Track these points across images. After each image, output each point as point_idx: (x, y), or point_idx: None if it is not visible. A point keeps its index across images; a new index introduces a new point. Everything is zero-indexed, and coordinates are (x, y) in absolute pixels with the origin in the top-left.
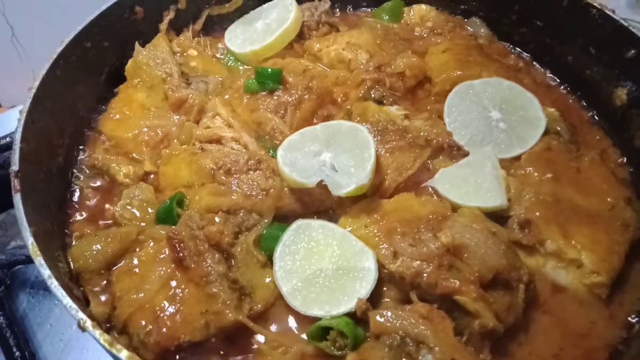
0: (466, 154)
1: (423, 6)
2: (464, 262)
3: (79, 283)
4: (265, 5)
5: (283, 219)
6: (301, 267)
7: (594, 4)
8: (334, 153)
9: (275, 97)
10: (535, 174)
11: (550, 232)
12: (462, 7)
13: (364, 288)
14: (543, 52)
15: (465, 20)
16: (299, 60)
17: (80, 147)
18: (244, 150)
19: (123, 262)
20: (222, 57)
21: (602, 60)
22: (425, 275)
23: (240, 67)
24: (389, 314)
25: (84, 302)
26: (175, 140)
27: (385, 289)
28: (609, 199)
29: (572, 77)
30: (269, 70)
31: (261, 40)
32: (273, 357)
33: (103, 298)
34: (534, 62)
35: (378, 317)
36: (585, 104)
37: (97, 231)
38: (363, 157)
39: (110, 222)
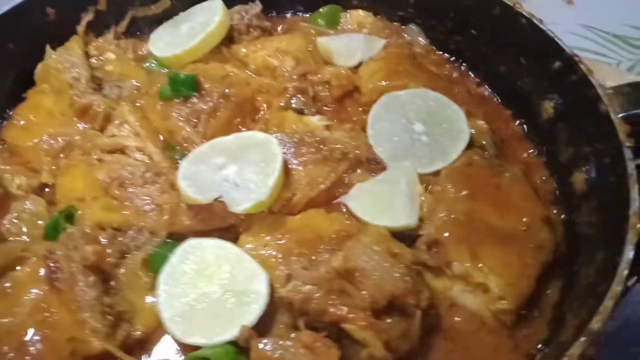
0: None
1: (361, 12)
2: (357, 286)
3: None
4: (192, 9)
5: (181, 238)
6: (185, 291)
7: (523, 12)
8: (240, 166)
9: (189, 105)
10: (452, 191)
11: (458, 253)
12: (400, 13)
13: (252, 314)
14: (478, 62)
15: (403, 27)
16: (223, 65)
17: None
18: (144, 162)
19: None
20: (145, 61)
21: (532, 71)
22: (315, 301)
23: (163, 72)
24: (270, 343)
25: None
26: (77, 150)
27: (278, 314)
28: (524, 219)
29: (505, 88)
30: (182, 75)
31: (184, 43)
32: None
33: None
34: (470, 72)
35: (260, 346)
36: (516, 116)
37: None
38: (267, 172)
39: None
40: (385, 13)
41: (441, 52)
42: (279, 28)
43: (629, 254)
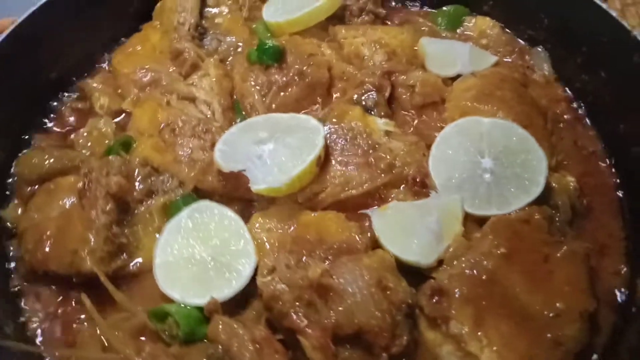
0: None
1: (488, 20)
2: (327, 305)
3: None
4: None
5: (207, 196)
6: (180, 244)
7: None
8: (276, 146)
9: (267, 74)
10: (490, 244)
11: (462, 312)
12: (530, 32)
13: (228, 289)
14: (598, 111)
15: (530, 48)
16: (319, 43)
17: (86, 72)
18: (204, 116)
19: (50, 181)
20: (255, 22)
21: None
22: (280, 302)
23: (265, 36)
24: (227, 324)
25: None
26: (159, 88)
27: (256, 300)
28: (558, 304)
29: (619, 151)
30: (268, 44)
31: (290, 13)
32: (111, 321)
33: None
34: (587, 120)
35: (217, 323)
36: (622, 188)
37: (49, 147)
38: (298, 161)
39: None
40: (515, 29)
41: (564, 88)
42: (397, 20)
43: None
